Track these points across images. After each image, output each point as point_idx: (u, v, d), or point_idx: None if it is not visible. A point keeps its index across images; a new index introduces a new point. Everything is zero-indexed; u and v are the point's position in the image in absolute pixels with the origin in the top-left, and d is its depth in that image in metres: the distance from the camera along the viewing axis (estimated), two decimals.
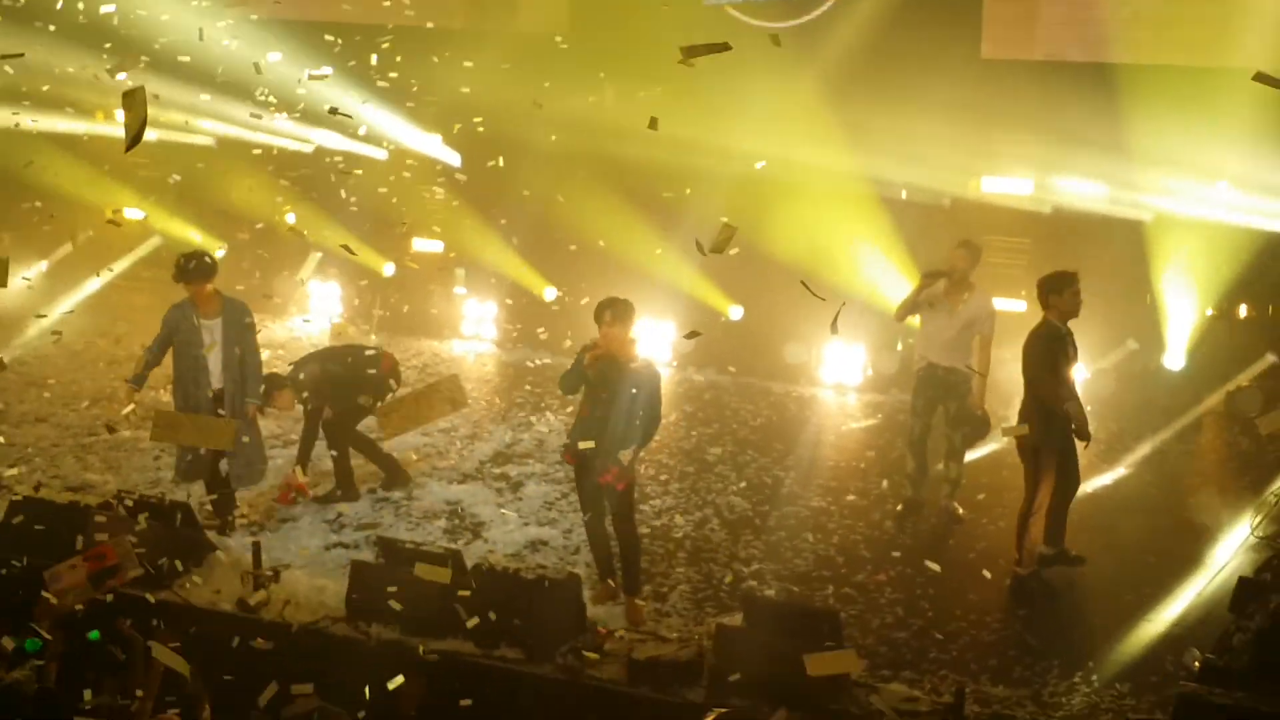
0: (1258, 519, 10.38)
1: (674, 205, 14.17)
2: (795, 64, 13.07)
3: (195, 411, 10.21)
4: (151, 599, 8.87)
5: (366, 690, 7.79)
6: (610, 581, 9.61)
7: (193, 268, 10.11)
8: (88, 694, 7.21)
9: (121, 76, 9.62)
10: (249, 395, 10.33)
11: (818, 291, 8.60)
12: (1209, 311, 13.44)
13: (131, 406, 10.65)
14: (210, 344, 10.16)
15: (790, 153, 13.25)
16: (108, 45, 12.84)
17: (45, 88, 14.77)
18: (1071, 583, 10.05)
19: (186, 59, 12.56)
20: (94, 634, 7.79)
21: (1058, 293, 9.77)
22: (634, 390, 9.20)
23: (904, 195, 14.08)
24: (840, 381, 14.54)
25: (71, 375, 14.32)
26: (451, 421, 13.23)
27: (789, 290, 14.00)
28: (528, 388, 14.31)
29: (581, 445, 9.16)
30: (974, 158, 13.80)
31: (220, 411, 10.27)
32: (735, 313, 14.97)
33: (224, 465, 10.46)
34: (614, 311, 9.20)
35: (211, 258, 10.31)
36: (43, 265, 16.93)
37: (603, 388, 9.20)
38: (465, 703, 7.92)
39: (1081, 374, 13.08)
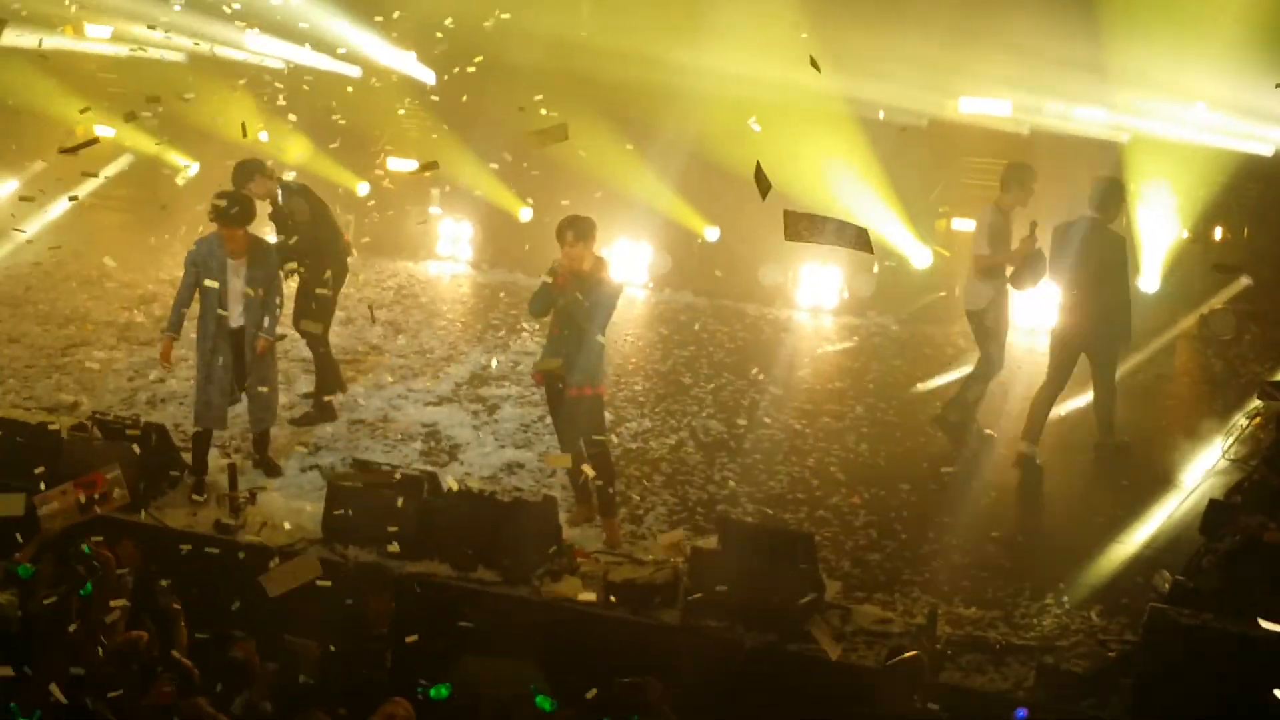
0: (1229, 442, 10.47)
1: (650, 125, 14.07)
2: None
3: (210, 349, 9.90)
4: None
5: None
6: (587, 504, 9.64)
7: (235, 213, 9.72)
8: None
9: None
10: (263, 330, 9.96)
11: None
12: (1184, 234, 13.44)
13: (169, 362, 10.19)
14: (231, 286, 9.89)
15: (768, 72, 13.14)
16: None
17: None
18: (1044, 505, 10.15)
19: None
20: (85, 547, 7.83)
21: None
22: (602, 306, 9.16)
23: (881, 115, 13.98)
24: (816, 304, 14.52)
25: (44, 295, 14.22)
26: (428, 343, 13.23)
27: (765, 212, 14.05)
28: (504, 303, 14.25)
29: (546, 364, 9.18)
30: (952, 77, 13.69)
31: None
32: (711, 234, 14.90)
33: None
34: (575, 230, 9.08)
35: (252, 202, 9.98)
36: (14, 184, 16.67)
37: (574, 306, 9.13)
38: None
39: (1057, 296, 13.16)
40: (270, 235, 11.20)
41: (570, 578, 8.63)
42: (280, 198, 11.02)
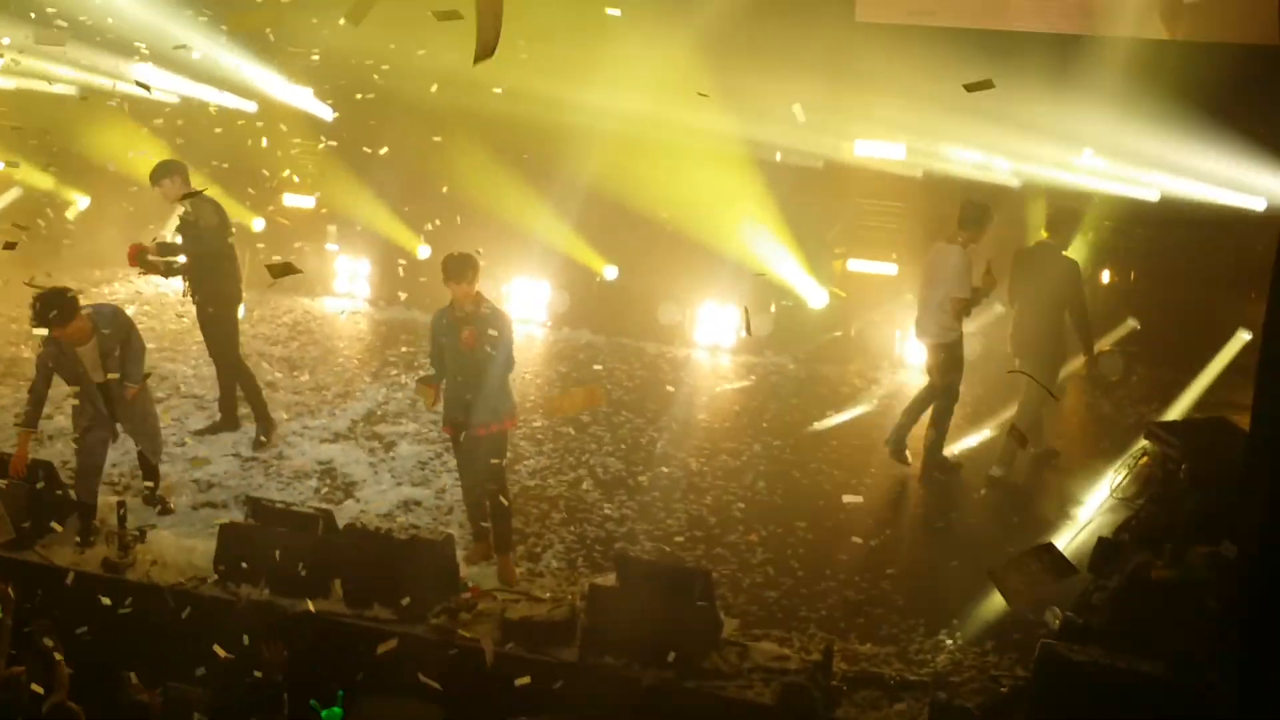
0: (1117, 481, 10.67)
1: (549, 163, 14.10)
2: (669, 25, 13.06)
3: (87, 427, 9.72)
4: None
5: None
6: (484, 542, 9.60)
7: (54, 316, 9.36)
8: None
9: None
10: (128, 379, 9.76)
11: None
12: None
13: (22, 472, 9.65)
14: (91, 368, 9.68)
15: (665, 113, 13.23)
16: None
17: None
18: (937, 542, 10.26)
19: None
20: None
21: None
22: (495, 335, 9.15)
23: (778, 157, 14.11)
24: (714, 342, 14.60)
25: None
26: (322, 379, 13.11)
27: (663, 251, 14.15)
28: (401, 347, 14.19)
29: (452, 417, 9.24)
30: (847, 121, 13.85)
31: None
32: (610, 272, 14.94)
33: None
34: (475, 269, 9.07)
35: (72, 295, 9.50)
36: None
37: (482, 357, 9.13)
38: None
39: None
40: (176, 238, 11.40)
41: (467, 615, 8.58)
42: (190, 204, 11.04)
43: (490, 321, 9.12)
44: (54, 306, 9.38)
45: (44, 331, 9.49)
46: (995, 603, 9.10)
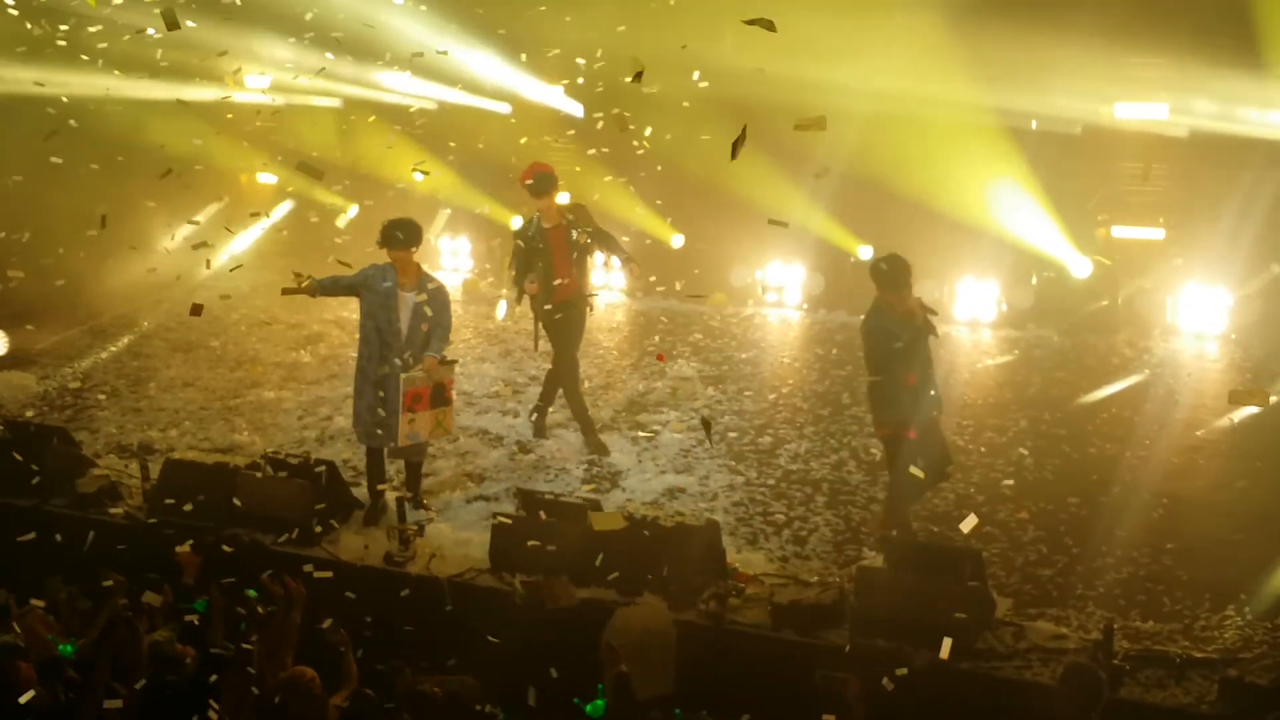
0: None
1: (800, 146, 14.02)
2: None
3: (368, 378, 9.88)
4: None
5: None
6: None
7: (401, 237, 9.70)
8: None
9: None
10: (430, 350, 9.79)
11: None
12: None
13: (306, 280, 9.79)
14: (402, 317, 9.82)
15: (917, 88, 13.05)
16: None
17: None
18: (1219, 514, 9.86)
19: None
20: (251, 592, 8.02)
21: None
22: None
23: (1034, 125, 13.77)
24: (974, 318, 14.35)
25: (215, 339, 14.64)
26: (586, 371, 13.30)
27: (919, 227, 13.95)
28: (660, 329, 14.34)
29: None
30: (1106, 83, 13.45)
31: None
32: (865, 253, 14.81)
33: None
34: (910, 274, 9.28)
35: (417, 225, 9.92)
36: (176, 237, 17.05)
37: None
38: None
39: (1227, 300, 12.86)
40: None
41: (736, 600, 8.61)
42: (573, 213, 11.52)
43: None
44: (401, 228, 9.76)
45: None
46: None
